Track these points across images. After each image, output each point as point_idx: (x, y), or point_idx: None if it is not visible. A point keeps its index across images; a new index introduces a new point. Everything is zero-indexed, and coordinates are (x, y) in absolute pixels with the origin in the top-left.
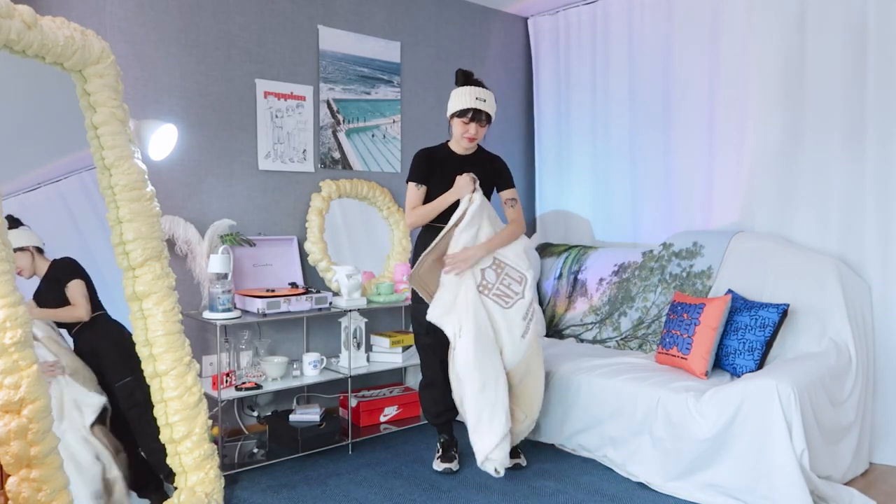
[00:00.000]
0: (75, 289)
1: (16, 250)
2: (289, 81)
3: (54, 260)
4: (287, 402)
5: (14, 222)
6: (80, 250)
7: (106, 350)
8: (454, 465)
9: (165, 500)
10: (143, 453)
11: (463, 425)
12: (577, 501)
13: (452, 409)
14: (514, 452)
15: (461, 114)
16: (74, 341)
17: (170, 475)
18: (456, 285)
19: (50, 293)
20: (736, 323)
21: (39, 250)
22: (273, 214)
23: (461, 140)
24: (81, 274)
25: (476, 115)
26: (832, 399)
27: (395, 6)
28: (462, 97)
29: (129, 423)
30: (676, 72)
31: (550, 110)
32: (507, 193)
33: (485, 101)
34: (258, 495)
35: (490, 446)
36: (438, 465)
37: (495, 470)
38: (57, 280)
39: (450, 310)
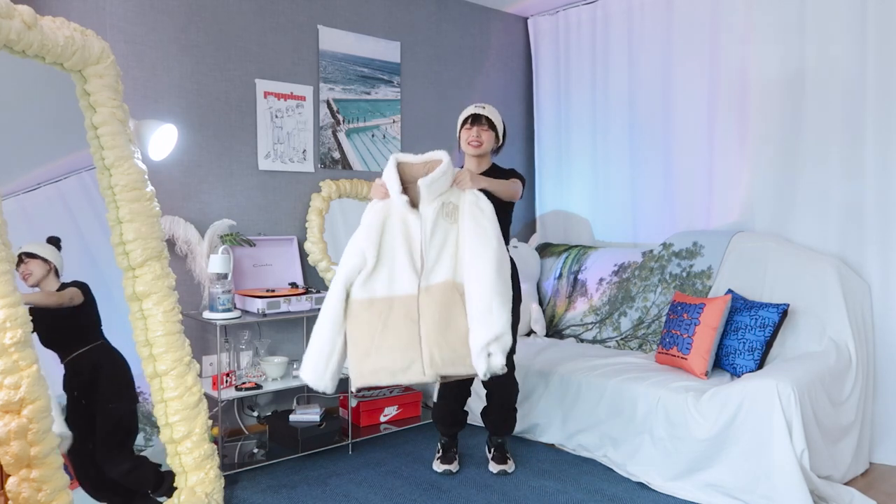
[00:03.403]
0: (72, 290)
1: (38, 258)
2: (289, 81)
3: (64, 283)
4: (287, 402)
5: (56, 243)
6: (81, 250)
7: (112, 370)
8: (454, 467)
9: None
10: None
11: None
12: (577, 501)
13: (461, 423)
14: (501, 458)
15: (463, 123)
16: (68, 369)
17: (158, 485)
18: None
19: (48, 311)
20: (736, 323)
21: (57, 273)
22: (273, 214)
23: (467, 147)
24: (87, 293)
25: (476, 119)
26: (832, 399)
27: (395, 6)
28: (463, 113)
29: (104, 447)
30: (676, 72)
31: (550, 110)
32: None
33: (484, 107)
34: (258, 495)
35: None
36: (438, 466)
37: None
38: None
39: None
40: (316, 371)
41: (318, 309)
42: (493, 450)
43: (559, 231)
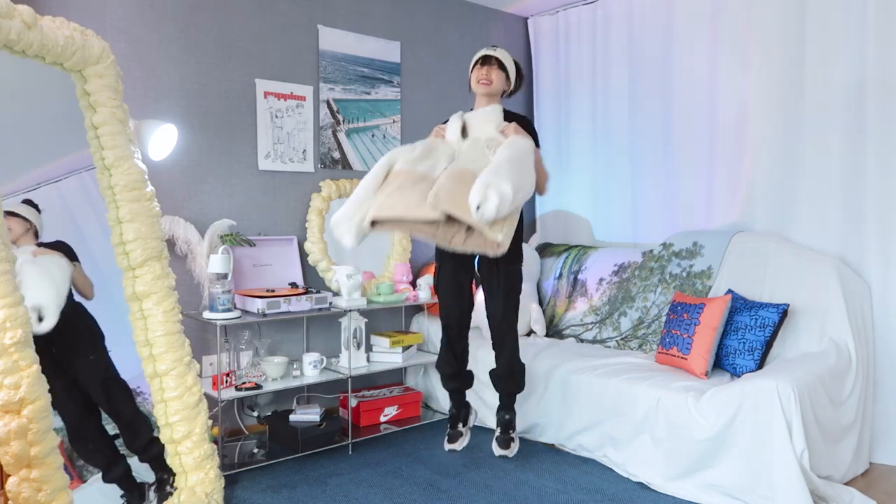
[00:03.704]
0: (82, 270)
1: (17, 216)
2: (289, 81)
3: (42, 243)
4: (287, 402)
5: (34, 206)
6: (80, 250)
7: (85, 324)
8: (458, 445)
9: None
10: (120, 427)
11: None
12: (577, 501)
13: (461, 377)
14: (506, 442)
15: (474, 66)
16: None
17: (149, 446)
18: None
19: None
20: (736, 323)
21: (36, 234)
22: (273, 214)
23: (476, 86)
24: (70, 251)
25: (486, 60)
26: (832, 399)
27: (395, 6)
28: (475, 56)
29: (106, 397)
30: (676, 72)
31: (550, 110)
32: None
33: (495, 49)
34: (258, 495)
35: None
36: (445, 445)
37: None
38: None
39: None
40: (347, 213)
41: (318, 309)
42: (499, 429)
43: (559, 231)
